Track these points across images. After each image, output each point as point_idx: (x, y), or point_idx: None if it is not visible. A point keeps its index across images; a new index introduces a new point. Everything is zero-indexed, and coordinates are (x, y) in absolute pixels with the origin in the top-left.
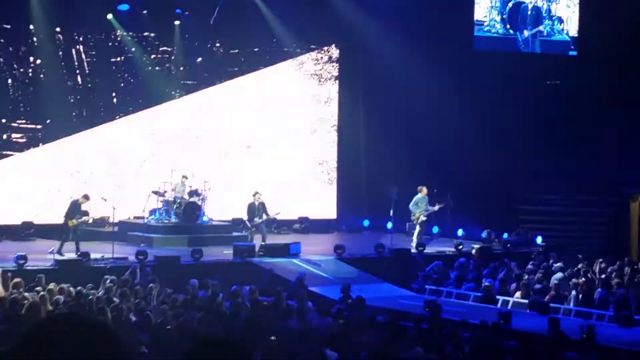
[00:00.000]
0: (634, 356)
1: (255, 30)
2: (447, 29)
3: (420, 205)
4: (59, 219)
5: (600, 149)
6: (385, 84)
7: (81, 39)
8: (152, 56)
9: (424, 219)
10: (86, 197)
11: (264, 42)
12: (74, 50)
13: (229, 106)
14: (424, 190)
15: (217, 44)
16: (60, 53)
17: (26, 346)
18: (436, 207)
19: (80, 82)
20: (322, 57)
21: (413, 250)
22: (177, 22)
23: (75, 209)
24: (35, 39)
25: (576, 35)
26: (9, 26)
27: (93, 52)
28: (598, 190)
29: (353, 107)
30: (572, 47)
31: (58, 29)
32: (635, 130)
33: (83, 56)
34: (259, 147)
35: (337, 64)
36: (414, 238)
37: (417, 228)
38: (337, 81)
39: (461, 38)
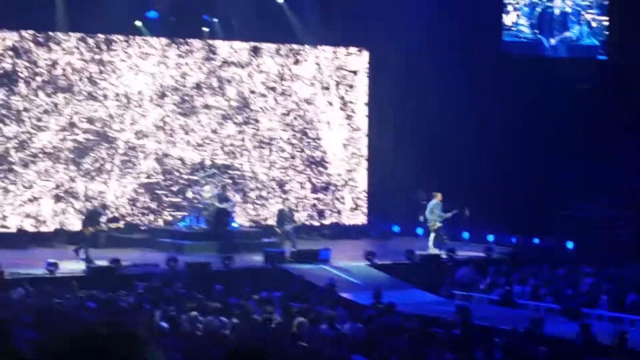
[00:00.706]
0: None
1: (288, 34)
2: (476, 33)
3: (435, 211)
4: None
5: (633, 155)
6: (414, 89)
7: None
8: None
9: (440, 225)
10: (104, 207)
11: (294, 41)
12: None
13: (256, 105)
14: (439, 196)
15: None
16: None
17: (60, 357)
18: (450, 214)
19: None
20: (351, 61)
21: (444, 256)
22: (204, 29)
23: (92, 217)
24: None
25: (605, 39)
26: (33, 31)
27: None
28: (630, 196)
29: (382, 111)
30: (601, 51)
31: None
32: None
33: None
34: (287, 153)
35: (367, 68)
36: (430, 244)
37: (432, 234)
38: (367, 84)
39: (490, 42)
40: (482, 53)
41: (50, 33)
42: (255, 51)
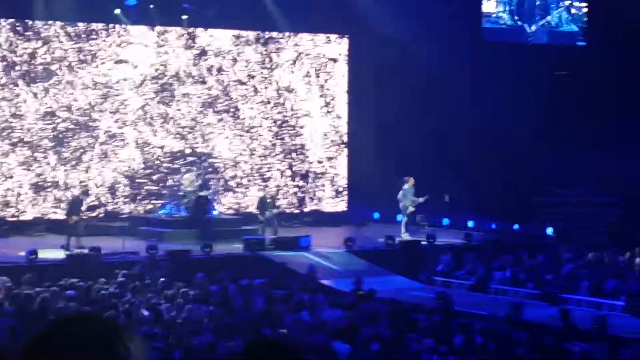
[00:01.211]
0: None
1: (265, 18)
2: (456, 20)
3: (407, 196)
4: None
5: (614, 141)
6: (394, 76)
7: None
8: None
9: (413, 209)
10: (85, 194)
11: (273, 28)
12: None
13: (236, 94)
14: (411, 181)
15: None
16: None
17: (37, 347)
18: (422, 199)
19: None
20: (331, 48)
21: (423, 242)
22: (184, 17)
23: (75, 206)
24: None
25: (584, 25)
26: (12, 20)
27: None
28: (610, 182)
29: (362, 98)
30: (580, 37)
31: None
32: None
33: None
34: (268, 139)
35: (347, 55)
36: (402, 229)
37: (405, 218)
38: (347, 71)
39: (470, 29)
40: (462, 40)
41: (29, 22)
42: (235, 39)
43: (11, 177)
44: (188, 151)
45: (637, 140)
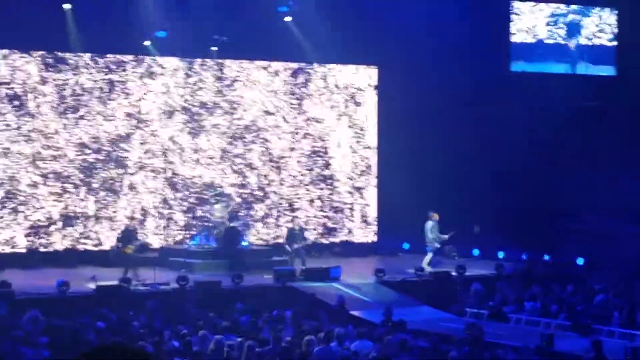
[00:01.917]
0: None
1: (296, 52)
2: (484, 51)
3: (433, 231)
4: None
5: None
6: (424, 106)
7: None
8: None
9: (438, 246)
10: (140, 223)
11: (302, 59)
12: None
13: (265, 124)
14: (436, 216)
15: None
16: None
17: None
18: (447, 236)
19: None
20: (360, 78)
21: (454, 274)
22: (214, 48)
23: (129, 236)
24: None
25: (614, 54)
26: (43, 52)
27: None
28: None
29: (392, 128)
30: (611, 66)
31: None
32: None
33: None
34: (297, 170)
35: (376, 85)
36: (424, 264)
37: (430, 255)
38: (376, 101)
39: (498, 60)
40: (489, 71)
41: (59, 54)
42: (264, 70)
43: (42, 207)
44: (217, 182)
45: None
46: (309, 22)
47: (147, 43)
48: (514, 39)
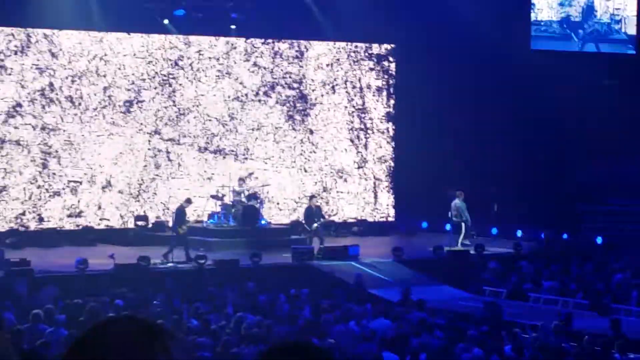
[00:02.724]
0: None
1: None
2: (505, 28)
3: (463, 209)
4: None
5: None
6: (442, 84)
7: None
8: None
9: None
10: (189, 202)
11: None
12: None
13: (276, 101)
14: (462, 194)
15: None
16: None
17: (77, 348)
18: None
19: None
20: (374, 52)
21: (472, 252)
22: (233, 27)
23: (182, 215)
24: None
25: (634, 33)
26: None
27: None
28: None
29: (409, 106)
30: (630, 45)
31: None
32: None
33: None
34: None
35: (394, 63)
36: (460, 241)
37: (464, 231)
38: (393, 81)
39: (519, 38)
40: (511, 48)
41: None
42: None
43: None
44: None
45: None
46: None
47: (165, 22)
48: (535, 17)
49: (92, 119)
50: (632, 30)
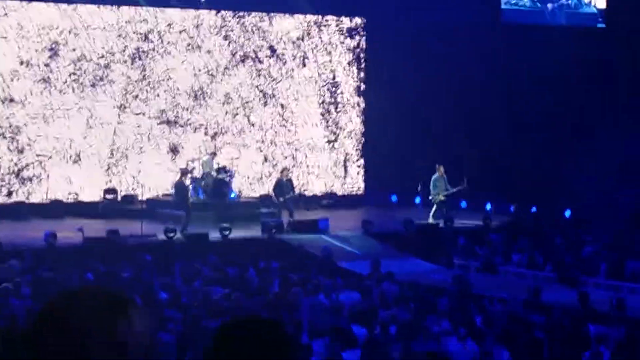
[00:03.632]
0: None
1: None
2: (474, 2)
3: (438, 185)
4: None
5: (632, 125)
6: (412, 57)
7: None
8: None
9: (443, 199)
10: (184, 173)
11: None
12: None
13: (247, 75)
14: (441, 169)
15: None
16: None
17: (43, 318)
18: (454, 190)
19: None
20: (344, 26)
21: (441, 225)
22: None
23: (185, 189)
24: None
25: (604, 7)
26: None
27: None
28: (631, 164)
29: (379, 80)
30: (600, 19)
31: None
32: None
33: None
34: (281, 120)
35: (365, 36)
36: (431, 216)
37: (435, 207)
38: (364, 54)
39: (489, 10)
40: (481, 21)
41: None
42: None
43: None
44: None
45: None
46: None
47: None
48: None
49: (62, 93)
50: (602, 4)
